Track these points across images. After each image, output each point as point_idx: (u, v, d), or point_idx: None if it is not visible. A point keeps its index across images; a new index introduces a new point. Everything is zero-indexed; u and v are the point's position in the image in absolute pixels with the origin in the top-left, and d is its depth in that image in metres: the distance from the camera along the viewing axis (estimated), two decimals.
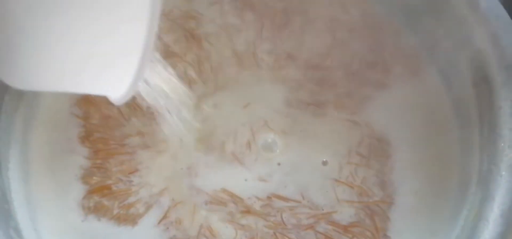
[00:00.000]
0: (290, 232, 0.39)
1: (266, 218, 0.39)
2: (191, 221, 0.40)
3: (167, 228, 0.39)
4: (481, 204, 0.36)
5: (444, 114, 0.42)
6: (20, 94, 0.41)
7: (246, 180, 0.41)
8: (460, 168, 0.40)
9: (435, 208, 0.40)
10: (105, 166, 0.41)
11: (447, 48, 0.42)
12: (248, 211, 0.40)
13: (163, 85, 0.35)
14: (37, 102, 0.42)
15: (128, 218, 0.40)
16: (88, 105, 0.43)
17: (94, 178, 0.41)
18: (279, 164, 0.41)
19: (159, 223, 0.39)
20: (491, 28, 0.38)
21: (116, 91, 0.30)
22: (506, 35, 0.37)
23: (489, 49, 0.38)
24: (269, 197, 0.40)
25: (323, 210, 0.40)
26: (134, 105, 0.42)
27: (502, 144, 0.36)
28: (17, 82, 0.32)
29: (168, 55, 0.43)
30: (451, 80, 0.42)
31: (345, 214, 0.40)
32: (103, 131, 0.42)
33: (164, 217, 0.40)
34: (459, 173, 0.40)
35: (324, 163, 0.41)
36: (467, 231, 0.36)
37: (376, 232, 0.39)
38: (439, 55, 0.43)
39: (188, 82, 0.43)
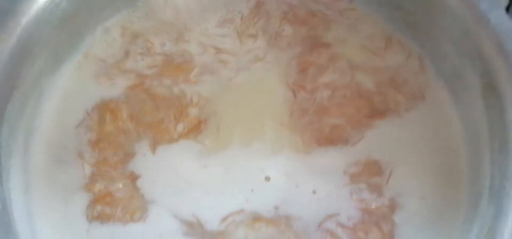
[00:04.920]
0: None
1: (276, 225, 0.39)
2: None
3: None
4: (494, 219, 0.35)
5: (451, 127, 0.42)
6: (24, 102, 0.40)
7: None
8: (469, 181, 0.40)
9: (445, 215, 0.39)
10: (111, 174, 0.40)
11: (455, 61, 0.42)
12: (259, 218, 0.39)
13: None
14: (43, 109, 0.42)
15: (135, 220, 0.39)
16: (106, 111, 0.42)
17: (97, 185, 0.40)
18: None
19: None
20: (501, 43, 0.38)
21: None
22: None
23: (499, 63, 0.38)
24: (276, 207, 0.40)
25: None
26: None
27: None
28: None
29: None
30: (459, 94, 0.42)
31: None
32: (115, 140, 0.41)
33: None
34: (469, 185, 0.40)
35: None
36: None
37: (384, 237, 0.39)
38: (447, 69, 0.43)
39: None
